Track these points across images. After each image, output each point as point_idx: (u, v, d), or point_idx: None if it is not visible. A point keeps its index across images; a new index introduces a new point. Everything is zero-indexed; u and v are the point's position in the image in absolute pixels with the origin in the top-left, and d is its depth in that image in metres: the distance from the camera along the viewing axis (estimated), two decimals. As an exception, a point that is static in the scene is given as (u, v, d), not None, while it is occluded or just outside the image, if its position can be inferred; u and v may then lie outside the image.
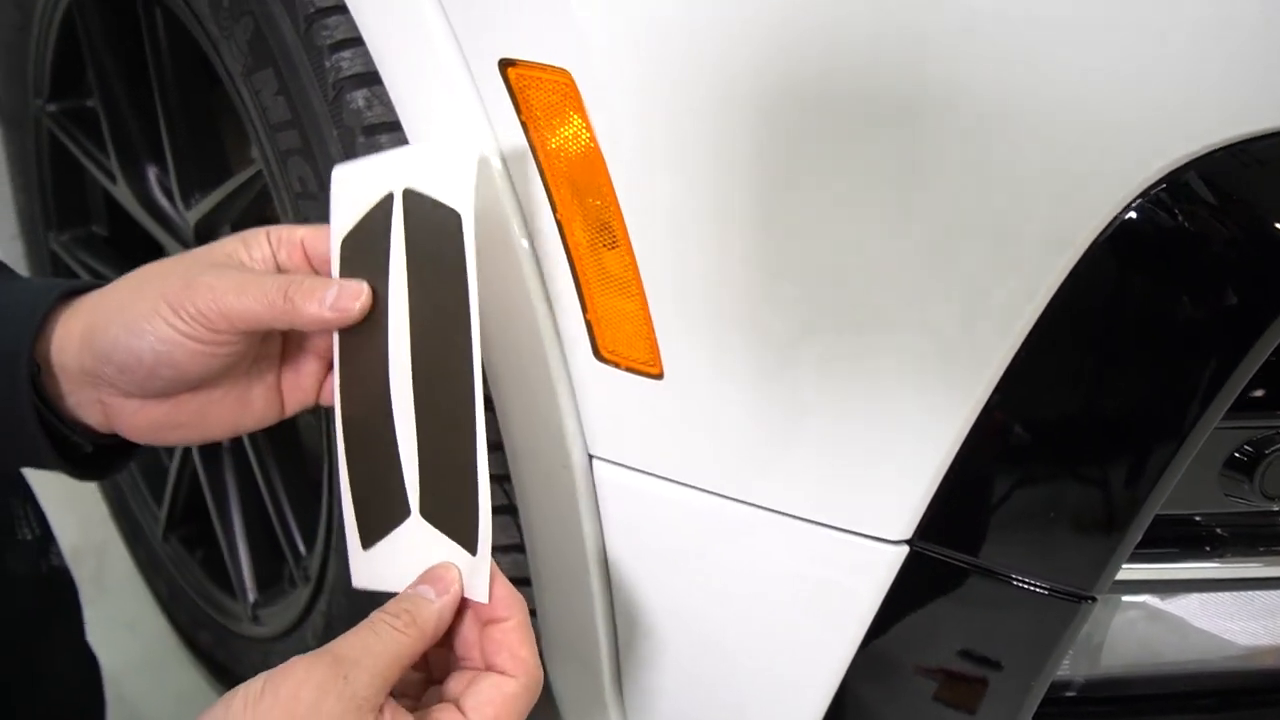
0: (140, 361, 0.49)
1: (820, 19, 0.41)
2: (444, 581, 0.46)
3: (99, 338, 0.49)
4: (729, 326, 0.48)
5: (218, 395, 0.53)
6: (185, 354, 0.49)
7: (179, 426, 0.53)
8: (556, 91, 0.48)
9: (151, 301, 0.49)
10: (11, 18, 0.97)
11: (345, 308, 0.49)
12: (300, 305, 0.48)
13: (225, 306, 0.48)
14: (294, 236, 0.52)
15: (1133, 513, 0.44)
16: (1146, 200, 0.39)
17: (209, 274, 0.49)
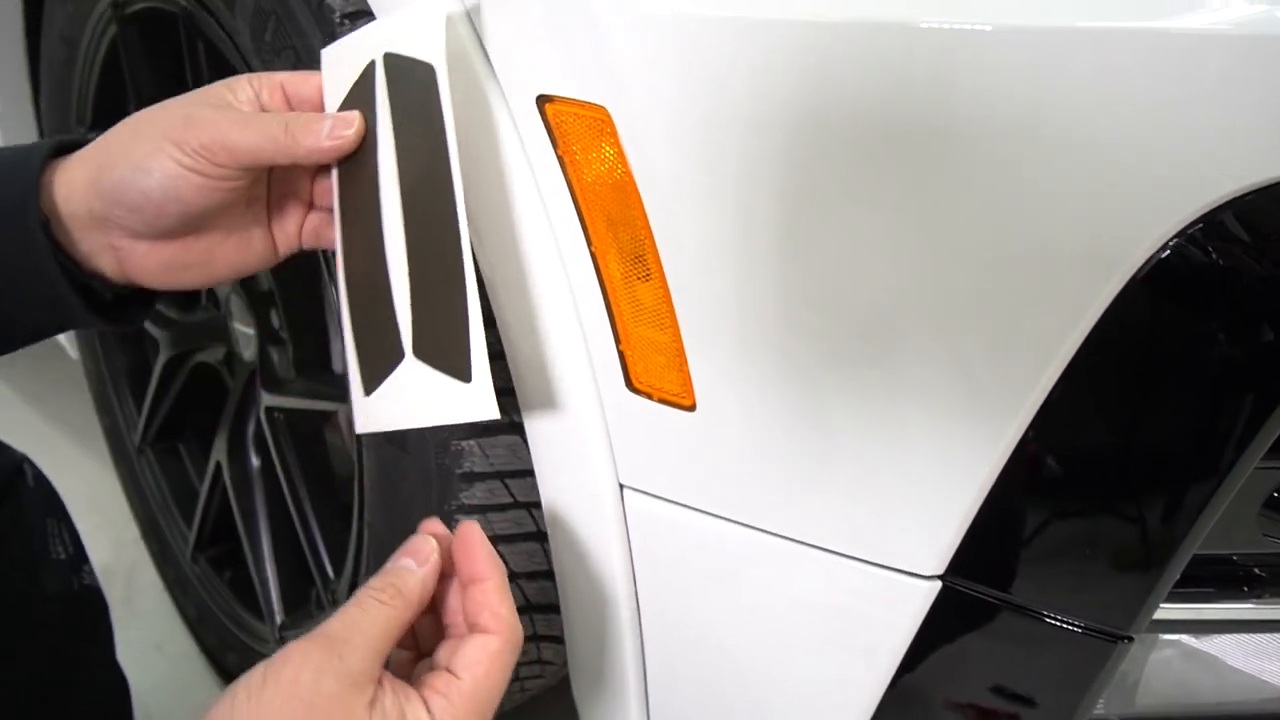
0: (149, 199, 0.51)
1: (852, 53, 0.42)
2: (423, 552, 0.49)
3: (105, 179, 0.51)
4: (762, 359, 0.48)
5: (219, 237, 0.56)
6: (190, 188, 0.51)
7: (188, 267, 0.56)
8: (593, 127, 0.49)
9: (155, 141, 0.51)
10: (58, 51, 0.99)
11: (340, 135, 0.51)
12: (300, 138, 0.51)
13: (229, 140, 0.50)
14: (274, 80, 0.54)
15: (1171, 552, 0.43)
16: (1184, 238, 0.39)
17: (209, 111, 0.51)
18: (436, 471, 0.64)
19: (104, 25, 0.91)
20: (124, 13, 0.88)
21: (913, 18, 0.40)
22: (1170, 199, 0.39)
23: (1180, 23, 0.37)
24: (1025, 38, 0.39)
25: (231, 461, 1.01)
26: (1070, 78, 0.38)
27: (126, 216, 0.52)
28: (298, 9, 0.63)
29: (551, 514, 0.61)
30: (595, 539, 0.59)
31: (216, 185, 0.51)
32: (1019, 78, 0.39)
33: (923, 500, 0.47)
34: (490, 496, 0.65)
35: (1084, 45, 0.38)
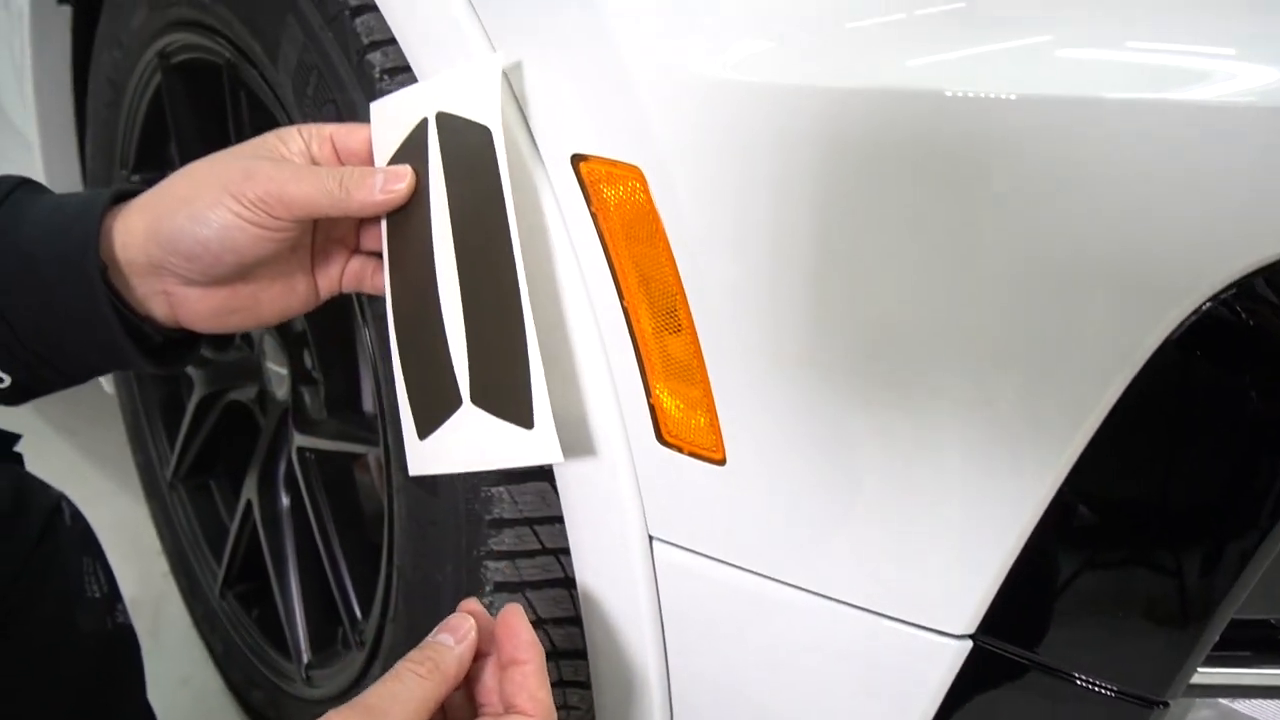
0: (206, 248, 0.53)
1: (880, 119, 0.42)
2: (461, 629, 0.50)
3: (164, 228, 0.53)
4: (792, 414, 0.49)
5: (267, 283, 0.58)
6: (246, 238, 0.53)
7: (235, 311, 0.58)
8: (626, 185, 0.50)
9: (214, 193, 0.53)
10: (105, 96, 1.02)
11: (392, 189, 0.53)
12: (354, 191, 0.53)
13: (285, 193, 0.52)
14: (323, 132, 0.56)
15: (1208, 614, 0.43)
16: (1219, 301, 0.40)
17: (266, 165, 0.53)
18: (466, 516, 0.65)
19: (150, 73, 0.94)
20: (170, 62, 0.91)
21: (938, 86, 0.41)
22: (1209, 262, 0.39)
23: (1212, 94, 0.37)
24: (1051, 107, 0.39)
25: (262, 499, 1.02)
26: (1105, 146, 0.39)
27: (182, 264, 0.54)
28: (339, 64, 0.65)
29: (580, 562, 0.61)
30: (623, 588, 0.59)
31: (270, 235, 0.54)
32: (1051, 144, 0.40)
33: (954, 557, 0.47)
34: (519, 543, 0.65)
35: (1116, 115, 0.38)
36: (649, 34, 0.47)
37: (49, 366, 0.56)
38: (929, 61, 0.41)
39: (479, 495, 0.63)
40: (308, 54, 0.67)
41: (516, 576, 0.65)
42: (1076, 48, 0.39)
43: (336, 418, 0.91)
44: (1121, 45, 0.39)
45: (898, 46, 0.42)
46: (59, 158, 1.18)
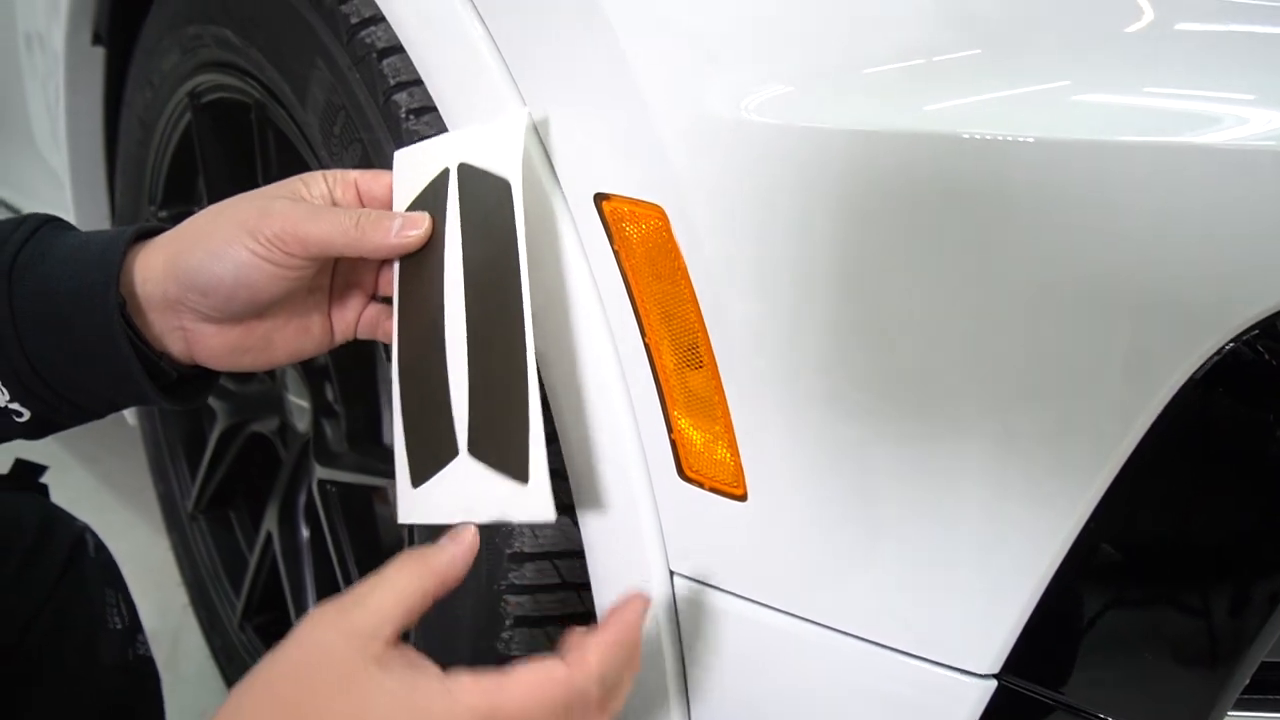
0: (221, 283, 0.54)
1: (899, 160, 0.43)
2: (463, 535, 0.49)
3: (181, 263, 0.54)
4: (814, 451, 0.49)
5: (282, 322, 0.58)
6: (260, 275, 0.54)
7: (249, 350, 0.58)
8: (649, 224, 0.51)
9: (231, 230, 0.54)
10: (136, 134, 1.05)
11: (407, 235, 0.54)
12: (369, 232, 0.54)
13: (301, 231, 0.53)
14: (348, 177, 0.57)
15: (1239, 656, 0.42)
16: (1243, 341, 0.40)
17: (283, 204, 0.54)
18: (486, 550, 0.65)
19: (180, 112, 0.97)
20: (199, 101, 0.93)
21: (956, 129, 0.41)
22: (1231, 303, 0.39)
23: (1231, 137, 0.38)
24: (1070, 150, 0.40)
25: (282, 531, 1.03)
26: (1124, 189, 0.39)
27: (199, 300, 0.55)
28: (366, 105, 0.66)
29: (601, 597, 0.61)
30: (645, 624, 0.59)
31: (285, 274, 0.54)
32: (1070, 187, 0.40)
33: (978, 595, 0.47)
34: (539, 577, 0.65)
35: (1135, 158, 0.39)
36: (672, 76, 0.48)
37: (67, 402, 0.57)
38: (947, 106, 0.42)
39: (500, 529, 0.64)
40: (335, 95, 0.69)
41: (537, 611, 0.65)
42: (1094, 93, 0.40)
43: (357, 450, 0.91)
44: (1139, 90, 0.39)
45: (916, 91, 0.43)
46: (89, 194, 1.20)
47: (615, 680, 0.46)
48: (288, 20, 0.73)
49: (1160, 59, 0.40)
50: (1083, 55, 0.41)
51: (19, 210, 1.46)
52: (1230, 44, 0.40)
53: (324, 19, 0.69)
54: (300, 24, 0.72)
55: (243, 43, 0.81)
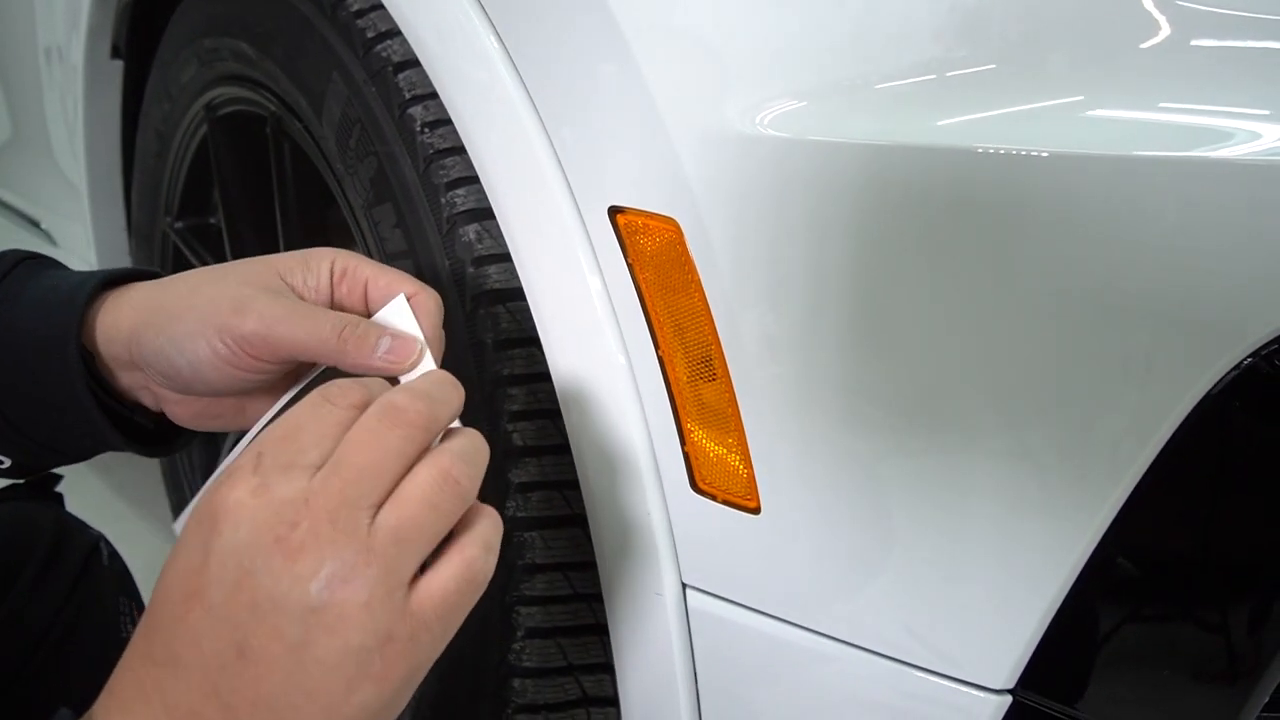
0: (178, 375, 0.50)
1: (912, 174, 0.43)
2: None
3: (143, 343, 0.50)
4: (827, 463, 0.49)
5: (255, 394, 0.54)
6: (219, 376, 0.49)
7: (218, 417, 0.55)
8: (663, 237, 0.51)
9: (198, 322, 0.49)
10: (152, 146, 1.06)
11: (396, 361, 0.48)
12: (353, 350, 0.48)
13: (274, 336, 0.48)
14: (360, 273, 0.51)
15: (1258, 673, 0.42)
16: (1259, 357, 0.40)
17: (262, 299, 0.49)
18: (499, 561, 0.65)
19: (196, 124, 0.97)
20: (216, 114, 0.94)
21: (970, 143, 0.42)
22: (1249, 318, 0.39)
23: (1247, 151, 0.38)
24: (1085, 164, 0.40)
25: (294, 540, 1.03)
26: (1140, 203, 0.39)
27: (158, 377, 0.52)
28: (382, 118, 0.67)
29: (613, 609, 0.61)
30: (657, 636, 0.59)
31: (247, 377, 0.50)
32: (1086, 201, 0.40)
33: (992, 609, 0.47)
34: (551, 588, 0.65)
35: (1151, 172, 0.39)
36: (687, 90, 0.48)
37: (48, 449, 0.55)
38: (961, 120, 0.42)
39: (512, 540, 0.64)
40: (351, 108, 0.70)
41: (549, 622, 0.65)
42: (1108, 108, 0.40)
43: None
44: (1154, 105, 0.40)
45: (930, 106, 0.43)
46: (106, 205, 1.21)
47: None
48: (304, 34, 0.74)
49: (1175, 74, 0.40)
50: (1097, 70, 0.41)
51: (37, 221, 1.47)
52: (1244, 59, 0.40)
53: (340, 33, 0.70)
54: (316, 38, 0.72)
55: (259, 56, 0.82)
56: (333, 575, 0.37)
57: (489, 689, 0.67)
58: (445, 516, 0.40)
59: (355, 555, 0.37)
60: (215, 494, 0.39)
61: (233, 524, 0.38)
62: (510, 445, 0.62)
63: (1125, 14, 0.41)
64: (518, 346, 0.61)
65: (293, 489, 0.38)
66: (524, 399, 0.61)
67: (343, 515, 0.38)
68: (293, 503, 0.38)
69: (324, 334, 0.48)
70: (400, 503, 0.39)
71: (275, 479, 0.38)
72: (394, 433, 0.40)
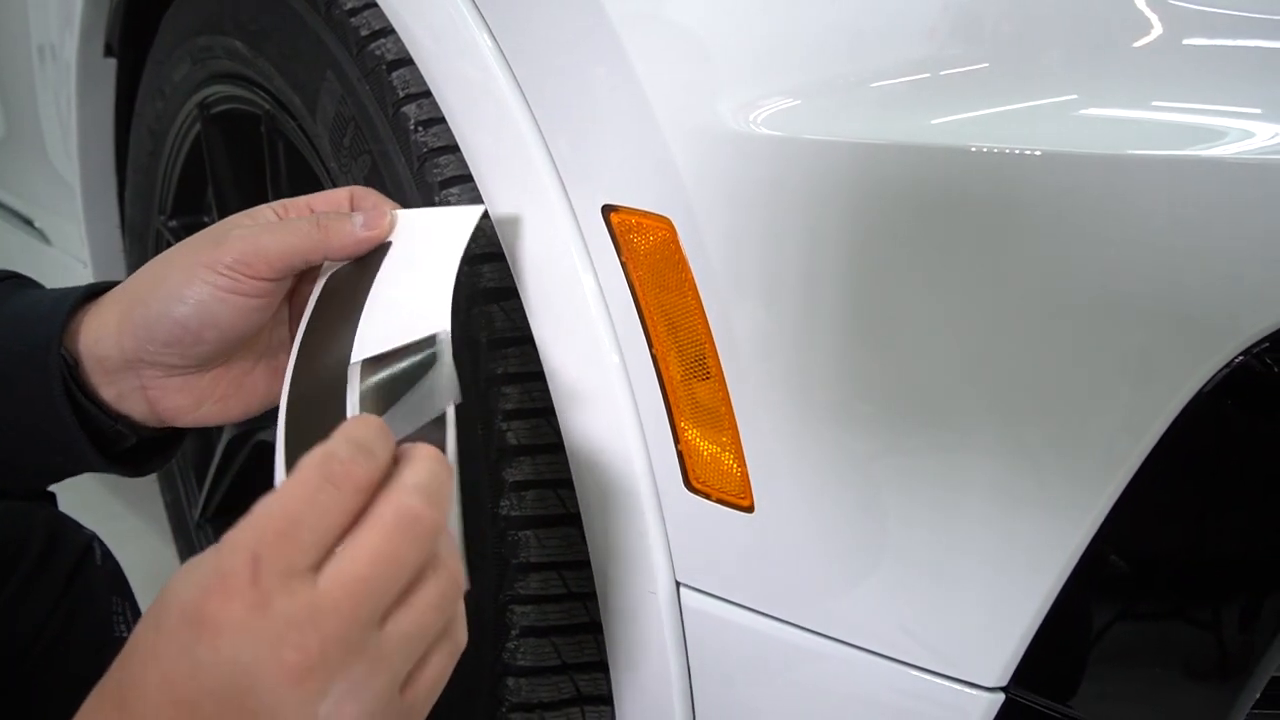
0: (185, 328, 0.51)
1: (909, 171, 0.43)
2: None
3: (138, 314, 0.51)
4: (821, 462, 0.49)
5: (250, 364, 0.56)
6: (228, 309, 0.51)
7: (219, 400, 0.55)
8: (657, 236, 0.51)
9: (188, 269, 0.50)
10: (146, 145, 1.05)
11: (376, 223, 0.52)
12: (334, 231, 0.51)
13: (261, 247, 0.50)
14: (299, 200, 0.55)
15: (1249, 670, 0.42)
16: (1251, 355, 0.40)
17: (235, 229, 0.52)
18: (492, 560, 0.65)
19: (190, 123, 0.97)
20: (209, 112, 0.93)
21: (964, 142, 0.42)
22: (1241, 316, 0.39)
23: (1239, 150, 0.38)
24: (1078, 163, 0.40)
25: (288, 540, 1.02)
26: (1133, 201, 0.39)
27: (160, 351, 0.51)
28: (375, 116, 0.67)
29: (607, 608, 0.61)
30: (651, 634, 0.59)
31: (252, 303, 0.51)
32: (1079, 199, 0.40)
33: (985, 607, 0.47)
34: (545, 587, 0.65)
35: (1143, 171, 0.39)
36: (680, 89, 0.48)
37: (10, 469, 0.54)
38: (954, 119, 0.42)
39: (505, 539, 0.64)
40: (345, 106, 0.70)
41: (543, 621, 0.65)
42: (1101, 107, 0.40)
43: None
44: (1147, 104, 0.40)
45: (923, 104, 0.43)
46: (100, 204, 1.21)
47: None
48: (298, 32, 0.74)
49: (1168, 73, 0.40)
50: (1090, 69, 0.41)
51: (31, 220, 1.47)
52: (1237, 58, 0.40)
53: (334, 31, 0.69)
54: (310, 36, 0.72)
55: (253, 54, 0.82)
56: (342, 694, 0.35)
57: (484, 688, 0.67)
58: (449, 616, 0.39)
59: (365, 670, 0.35)
60: (207, 601, 0.35)
61: (230, 641, 0.34)
62: (504, 444, 0.62)
63: (1118, 13, 0.41)
64: (512, 345, 0.61)
65: (296, 606, 0.34)
66: (518, 398, 0.61)
67: (354, 635, 0.35)
68: (298, 625, 0.34)
69: (304, 229, 0.51)
70: (411, 610, 0.37)
71: (277, 593, 0.34)
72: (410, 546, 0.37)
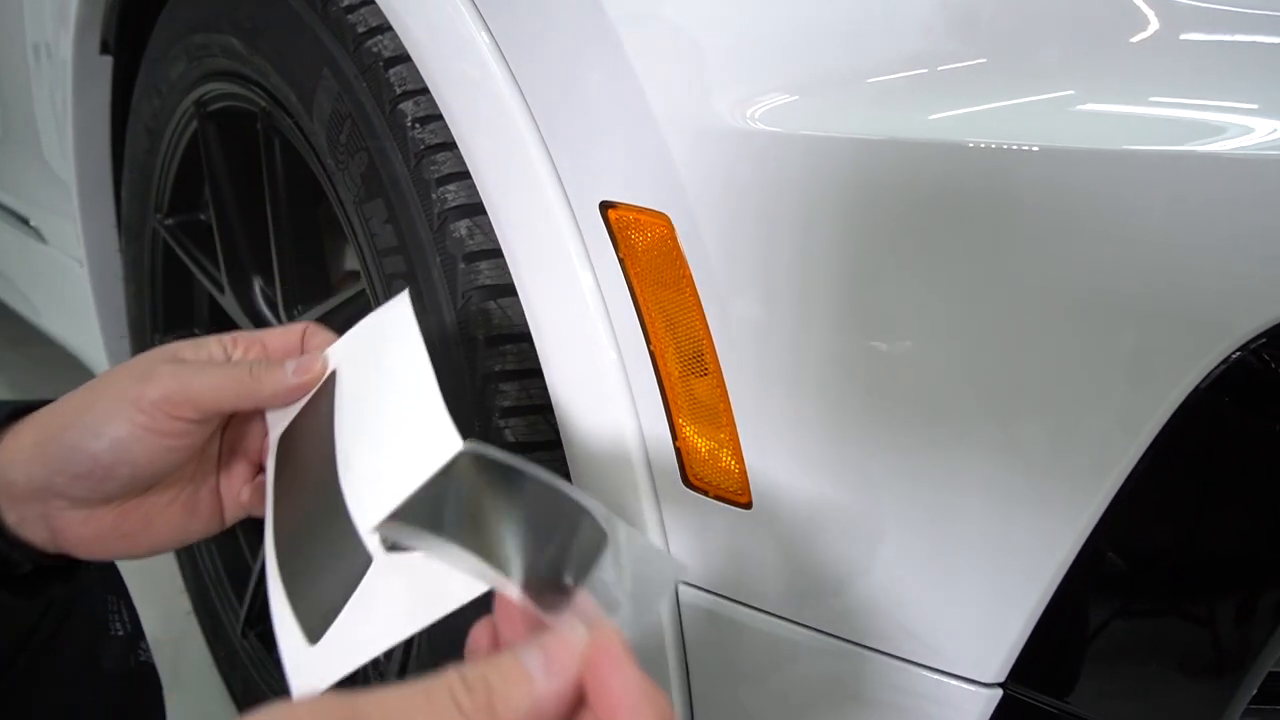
0: (98, 462, 0.49)
1: (907, 167, 0.43)
2: (558, 660, 0.33)
3: (54, 446, 0.50)
4: (819, 458, 0.49)
5: (164, 502, 0.53)
6: (144, 449, 0.49)
7: (125, 536, 0.53)
8: (654, 232, 0.51)
9: (111, 402, 0.49)
10: (142, 143, 1.05)
11: (307, 368, 0.51)
12: (264, 379, 0.50)
13: (189, 389, 0.49)
14: (253, 336, 0.53)
15: (1245, 666, 0.42)
16: (1247, 351, 0.40)
17: (167, 365, 0.50)
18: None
19: (186, 120, 0.97)
20: (206, 110, 0.93)
21: (961, 138, 0.42)
22: (1237, 312, 0.39)
23: (1236, 146, 0.38)
24: (1075, 158, 0.40)
25: (285, 538, 1.02)
26: (1129, 197, 0.39)
27: (70, 484, 0.50)
28: (372, 113, 0.67)
29: (604, 605, 0.61)
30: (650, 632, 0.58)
31: (171, 443, 0.50)
32: (1076, 195, 0.40)
33: (982, 604, 0.47)
34: (542, 585, 0.65)
35: (1141, 166, 0.39)
36: (677, 85, 0.48)
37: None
38: (952, 114, 0.42)
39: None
40: (341, 103, 0.69)
41: (540, 619, 0.65)
42: (1099, 102, 0.40)
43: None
44: (1144, 99, 0.40)
45: (920, 100, 0.43)
46: (96, 202, 1.21)
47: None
48: (294, 29, 0.73)
49: (1165, 68, 0.40)
50: (1087, 64, 0.41)
51: (26, 218, 1.46)
52: (1234, 53, 0.40)
53: (330, 28, 0.69)
54: (307, 33, 0.72)
55: (249, 52, 0.81)
56: None
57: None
58: None
59: None
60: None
61: None
62: (502, 441, 0.61)
63: (1116, 8, 0.41)
64: (509, 342, 0.61)
65: None
66: (516, 395, 0.61)
67: None
68: None
69: (237, 375, 0.50)
70: None
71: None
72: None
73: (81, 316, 1.30)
